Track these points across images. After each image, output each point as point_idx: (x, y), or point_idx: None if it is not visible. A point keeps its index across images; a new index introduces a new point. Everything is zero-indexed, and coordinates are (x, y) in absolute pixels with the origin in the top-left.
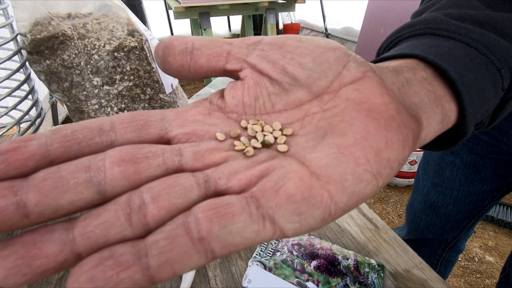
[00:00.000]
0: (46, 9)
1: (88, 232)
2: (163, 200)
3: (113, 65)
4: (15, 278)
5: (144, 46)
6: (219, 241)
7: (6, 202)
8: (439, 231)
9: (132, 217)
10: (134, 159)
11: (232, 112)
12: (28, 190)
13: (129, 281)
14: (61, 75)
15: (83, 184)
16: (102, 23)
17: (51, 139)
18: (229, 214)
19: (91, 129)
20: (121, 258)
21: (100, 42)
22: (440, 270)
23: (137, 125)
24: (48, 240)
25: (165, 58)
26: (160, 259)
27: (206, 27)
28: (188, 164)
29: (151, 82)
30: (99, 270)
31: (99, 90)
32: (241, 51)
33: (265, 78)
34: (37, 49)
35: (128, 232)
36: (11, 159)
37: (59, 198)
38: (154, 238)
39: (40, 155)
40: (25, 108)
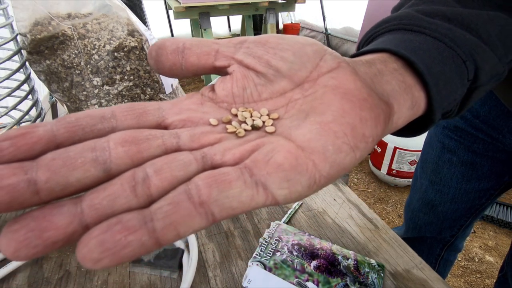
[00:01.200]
0: (46, 9)
1: (96, 204)
2: (165, 172)
3: (113, 65)
4: (26, 250)
5: (144, 46)
6: (218, 204)
7: (17, 179)
8: (437, 229)
9: (136, 188)
10: (136, 140)
11: (222, 102)
12: (38, 168)
13: (137, 243)
14: (61, 75)
15: (90, 163)
16: (102, 23)
17: (56, 125)
18: (226, 181)
19: (94, 116)
20: (128, 223)
21: (100, 42)
22: (439, 269)
23: (136, 113)
24: (57, 214)
25: (158, 58)
26: (164, 221)
27: (206, 27)
28: (186, 145)
29: (151, 82)
30: (108, 234)
31: (99, 90)
32: (229, 49)
33: (251, 71)
34: (37, 49)
35: (133, 203)
36: (20, 143)
37: (68, 176)
38: (158, 205)
39: (47, 139)
40: (25, 108)
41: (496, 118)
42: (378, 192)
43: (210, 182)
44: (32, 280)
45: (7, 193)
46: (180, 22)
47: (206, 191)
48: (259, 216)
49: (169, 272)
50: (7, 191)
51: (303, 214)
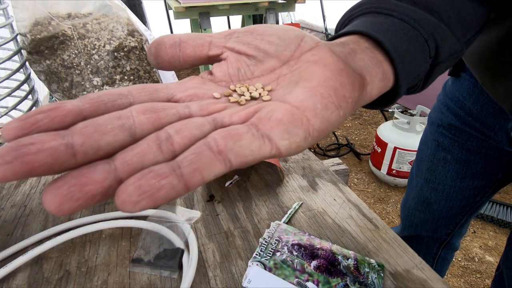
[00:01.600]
0: (46, 9)
1: (128, 161)
2: (184, 132)
3: (113, 65)
4: (69, 203)
5: (144, 46)
6: (233, 152)
7: (57, 143)
8: (432, 227)
9: (162, 146)
10: (154, 109)
11: (221, 81)
12: (73, 134)
13: (169, 186)
14: (61, 75)
15: (118, 128)
16: (102, 23)
17: (81, 101)
18: (238, 134)
19: (113, 94)
20: (159, 171)
21: (100, 42)
22: (437, 268)
23: (149, 91)
24: (94, 171)
25: (157, 53)
26: (191, 167)
27: (206, 27)
28: (196, 113)
29: (151, 82)
30: (143, 180)
31: (99, 90)
32: (220, 40)
33: (243, 56)
34: (37, 49)
35: (160, 158)
36: (53, 115)
37: (99, 140)
38: (183, 156)
39: (75, 112)
40: (25, 108)
41: (488, 115)
42: (378, 192)
43: (224, 135)
44: (32, 280)
45: (50, 154)
46: (180, 22)
47: (222, 142)
48: (259, 216)
49: (169, 272)
50: (50, 153)
51: (303, 214)
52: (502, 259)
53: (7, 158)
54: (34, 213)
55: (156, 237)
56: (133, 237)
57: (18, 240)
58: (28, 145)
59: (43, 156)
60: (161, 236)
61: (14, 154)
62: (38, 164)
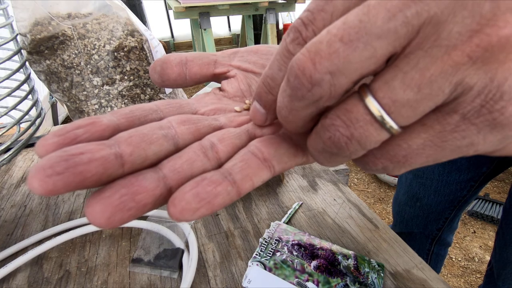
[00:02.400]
0: (46, 9)
1: (178, 168)
2: (226, 140)
3: (113, 65)
4: (121, 214)
5: (144, 46)
6: (276, 159)
7: (107, 152)
8: (422, 222)
9: (207, 154)
10: (191, 121)
11: (234, 96)
12: (119, 144)
13: (225, 192)
14: (61, 75)
15: (162, 138)
16: (102, 23)
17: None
18: (276, 142)
19: (144, 109)
20: (213, 178)
21: (100, 42)
22: (432, 265)
23: (175, 106)
24: (143, 179)
25: (163, 71)
26: (242, 174)
27: (206, 27)
28: (226, 125)
29: (151, 82)
30: (200, 188)
31: (99, 90)
32: (225, 59)
33: (250, 73)
34: (37, 49)
35: (207, 165)
36: (92, 130)
37: (147, 149)
38: (231, 164)
39: (113, 127)
40: (25, 108)
41: None
42: (378, 192)
43: (266, 144)
44: (32, 280)
45: (101, 164)
46: (180, 22)
47: (266, 149)
48: (259, 216)
49: (169, 272)
50: (101, 163)
51: (303, 214)
52: (492, 253)
53: (58, 168)
54: (34, 213)
55: (156, 237)
56: (133, 237)
57: (18, 240)
58: (78, 154)
59: (95, 165)
60: (161, 236)
61: (65, 164)
62: (90, 175)
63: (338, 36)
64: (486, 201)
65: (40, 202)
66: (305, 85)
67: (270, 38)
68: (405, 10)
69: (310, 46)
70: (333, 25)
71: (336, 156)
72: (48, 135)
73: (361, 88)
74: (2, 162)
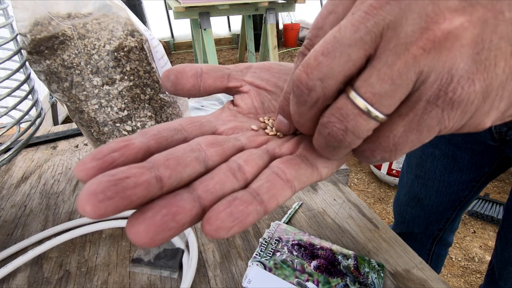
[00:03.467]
0: (46, 9)
1: (210, 189)
2: (251, 162)
3: (113, 65)
4: (163, 233)
5: (144, 46)
6: (296, 179)
7: (149, 176)
8: (424, 223)
9: (236, 175)
10: (218, 143)
11: (249, 113)
12: (158, 167)
13: (255, 211)
14: (61, 75)
15: (195, 161)
16: (102, 23)
17: (145, 137)
18: (296, 163)
19: (170, 129)
20: (243, 198)
21: (100, 42)
22: (432, 265)
23: (197, 125)
24: (181, 200)
25: (178, 81)
26: (269, 194)
27: (206, 27)
28: (247, 145)
29: (151, 82)
30: (233, 207)
31: (99, 90)
32: (238, 73)
33: (262, 90)
34: (37, 49)
35: (236, 186)
36: (127, 153)
37: (182, 172)
38: (258, 184)
39: (145, 149)
40: (25, 108)
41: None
42: (378, 192)
43: (287, 165)
44: (32, 280)
45: (145, 188)
46: (180, 22)
47: (288, 171)
48: None
49: (169, 272)
50: (145, 187)
51: (303, 214)
52: (493, 253)
53: (109, 193)
54: (34, 213)
55: None
56: None
57: (18, 240)
58: (124, 178)
59: (140, 189)
60: None
61: (114, 189)
62: (135, 198)
63: (320, 51)
64: (486, 201)
65: (40, 202)
66: (304, 92)
67: (270, 38)
68: (365, 23)
69: (303, 62)
70: (317, 44)
71: (338, 148)
72: (86, 159)
73: (347, 87)
74: (2, 162)
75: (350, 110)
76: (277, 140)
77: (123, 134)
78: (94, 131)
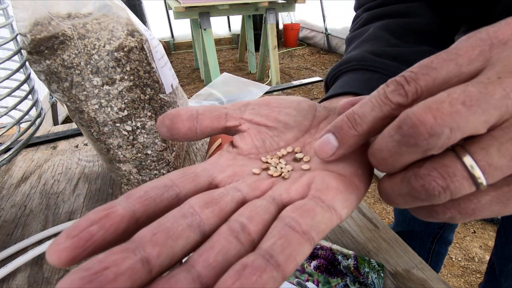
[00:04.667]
0: (46, 9)
1: (212, 263)
2: (256, 218)
3: (113, 65)
4: None
5: (144, 46)
6: (314, 229)
7: (133, 261)
8: (424, 221)
9: (240, 237)
10: (214, 200)
11: (249, 154)
12: (144, 246)
13: (272, 280)
14: (61, 75)
15: (188, 229)
16: (102, 23)
17: (130, 201)
18: (310, 209)
19: (158, 187)
20: (255, 264)
21: (100, 42)
22: (432, 263)
23: (190, 177)
24: (176, 283)
25: (173, 125)
26: (285, 254)
27: (206, 27)
28: (249, 194)
29: (151, 82)
30: (243, 279)
31: (99, 90)
32: (236, 112)
33: (262, 127)
34: (37, 49)
35: (242, 250)
36: (107, 224)
37: (174, 246)
38: (269, 243)
39: (129, 216)
40: (25, 108)
41: None
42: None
43: (301, 213)
44: (32, 280)
45: (129, 277)
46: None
47: (303, 220)
48: None
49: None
50: (128, 276)
51: None
52: (493, 251)
53: None
54: (34, 213)
55: None
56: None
57: (18, 240)
58: (102, 271)
59: (122, 280)
60: None
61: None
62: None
63: (460, 100)
64: None
65: (40, 202)
66: (422, 135)
67: (270, 38)
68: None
69: (430, 104)
70: (453, 90)
71: (420, 201)
72: (60, 238)
73: (457, 148)
74: (2, 162)
75: (458, 172)
76: (283, 183)
77: (123, 134)
78: (94, 131)
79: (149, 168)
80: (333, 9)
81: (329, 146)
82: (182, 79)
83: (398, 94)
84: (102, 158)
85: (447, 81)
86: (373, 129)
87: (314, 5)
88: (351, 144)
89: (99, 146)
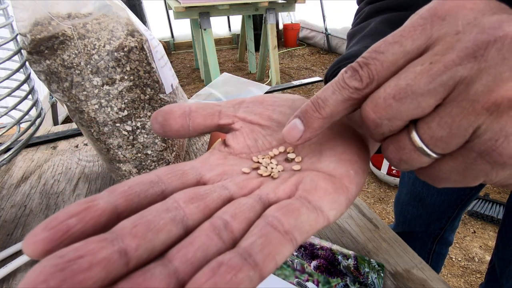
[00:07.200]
0: (46, 9)
1: (190, 259)
2: (240, 216)
3: (113, 65)
4: None
5: (144, 46)
6: (297, 230)
7: (110, 251)
8: (425, 222)
9: (222, 235)
10: (200, 196)
11: (241, 153)
12: (123, 237)
13: (247, 279)
14: (61, 75)
15: (170, 223)
16: (102, 23)
17: (113, 196)
18: (295, 209)
19: (144, 182)
20: (231, 262)
21: (100, 42)
22: (432, 264)
23: (177, 174)
24: (152, 277)
25: (165, 122)
26: (263, 253)
27: (206, 27)
28: (236, 192)
29: (151, 82)
30: (218, 277)
31: (99, 90)
32: (230, 109)
33: (256, 126)
34: (37, 49)
35: (222, 248)
36: (86, 218)
37: (154, 240)
38: (249, 241)
39: (110, 210)
40: (25, 108)
41: None
42: (378, 192)
43: (284, 212)
44: None
45: (104, 268)
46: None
47: (286, 220)
48: None
49: None
50: (104, 266)
51: None
52: (494, 251)
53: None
54: (34, 213)
55: None
56: None
57: (18, 240)
58: (76, 259)
59: (97, 271)
60: None
61: (61, 276)
62: (91, 282)
63: (391, 94)
64: (486, 201)
65: (40, 202)
66: (370, 126)
67: (270, 38)
68: (442, 75)
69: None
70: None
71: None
72: (37, 229)
73: (410, 125)
74: (2, 162)
75: (406, 145)
76: (272, 183)
77: (123, 134)
78: (94, 131)
79: (149, 168)
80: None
81: (295, 130)
82: (182, 79)
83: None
84: (102, 158)
85: (394, 63)
86: (336, 112)
87: (314, 5)
88: (316, 127)
89: (99, 146)
